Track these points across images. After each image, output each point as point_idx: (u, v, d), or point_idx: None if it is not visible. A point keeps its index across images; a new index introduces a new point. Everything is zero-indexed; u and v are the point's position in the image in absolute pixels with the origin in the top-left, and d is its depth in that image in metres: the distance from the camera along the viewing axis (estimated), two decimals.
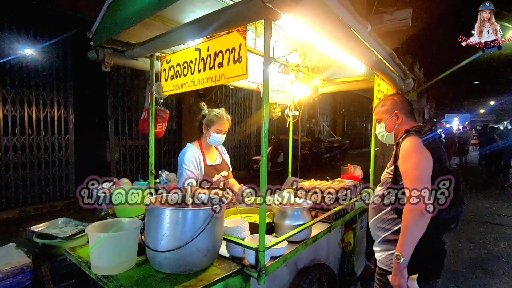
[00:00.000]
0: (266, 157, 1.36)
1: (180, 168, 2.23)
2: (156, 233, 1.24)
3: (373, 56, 1.97)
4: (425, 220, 1.35)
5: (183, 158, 2.23)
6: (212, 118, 2.28)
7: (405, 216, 1.40)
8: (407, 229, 1.37)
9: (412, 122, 1.70)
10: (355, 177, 2.82)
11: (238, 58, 1.40)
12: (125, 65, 1.97)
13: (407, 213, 1.38)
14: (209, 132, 2.28)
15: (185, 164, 2.21)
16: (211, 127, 2.27)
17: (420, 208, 1.34)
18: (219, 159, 2.48)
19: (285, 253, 1.60)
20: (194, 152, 2.27)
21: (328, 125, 14.98)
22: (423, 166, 1.41)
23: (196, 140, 2.39)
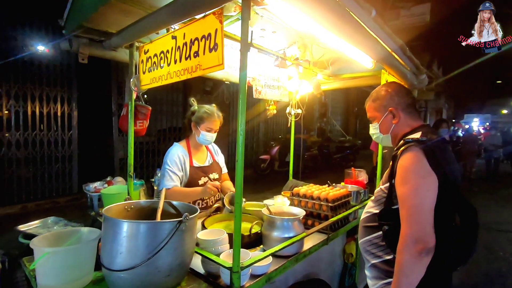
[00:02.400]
0: (242, 158, 1.15)
1: (162, 168, 2.06)
2: (110, 248, 1.07)
3: (378, 47, 1.73)
4: (423, 263, 1.07)
5: (166, 158, 2.06)
6: (202, 115, 2.08)
7: (399, 255, 1.10)
8: (402, 272, 1.09)
9: (414, 121, 1.38)
10: (360, 182, 2.57)
11: (214, 45, 1.20)
12: (104, 57, 1.81)
13: (402, 253, 1.09)
14: (198, 130, 2.09)
15: (168, 164, 2.03)
16: (201, 125, 2.08)
17: (418, 248, 1.05)
18: (209, 160, 2.27)
19: (269, 271, 1.40)
20: (179, 152, 2.09)
21: (340, 124, 14.59)
22: (425, 193, 1.10)
23: (184, 139, 2.21)
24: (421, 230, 1.07)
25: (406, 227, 1.10)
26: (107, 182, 3.41)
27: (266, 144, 9.32)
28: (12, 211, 4.76)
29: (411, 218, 1.10)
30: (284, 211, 1.81)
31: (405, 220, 1.12)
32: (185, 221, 1.11)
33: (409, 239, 1.08)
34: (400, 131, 1.39)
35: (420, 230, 1.07)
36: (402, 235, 1.11)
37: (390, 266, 1.23)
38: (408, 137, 1.27)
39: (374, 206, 1.36)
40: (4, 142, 4.82)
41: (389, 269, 1.24)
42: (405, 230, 1.10)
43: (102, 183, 3.40)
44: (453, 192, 1.16)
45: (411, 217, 1.10)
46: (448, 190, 1.13)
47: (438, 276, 1.18)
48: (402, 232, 1.11)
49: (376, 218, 1.29)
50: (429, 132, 1.29)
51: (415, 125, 1.37)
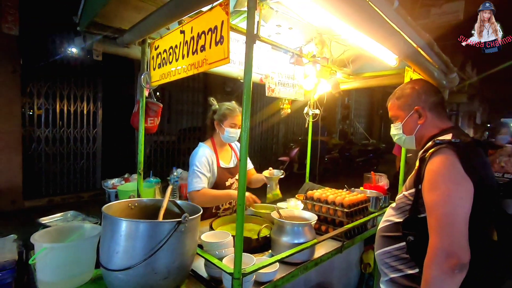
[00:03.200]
0: (245, 157, 1.08)
1: (190, 169, 1.98)
2: (108, 247, 1.04)
3: (401, 42, 1.59)
4: (455, 281, 0.94)
5: (194, 159, 1.99)
6: (224, 112, 2.04)
7: (427, 270, 0.97)
8: None
9: (442, 122, 1.25)
10: (380, 187, 2.42)
11: (219, 39, 1.14)
12: (117, 54, 1.82)
13: (431, 268, 0.96)
14: (222, 128, 2.04)
15: (196, 165, 1.96)
16: (224, 122, 2.03)
17: (450, 263, 0.93)
18: (233, 160, 2.21)
19: (275, 279, 1.31)
20: (206, 152, 2.02)
21: (363, 126, 14.12)
22: (458, 201, 0.98)
23: (209, 139, 2.15)
24: (454, 243, 0.94)
25: (436, 239, 0.98)
26: (124, 179, 3.48)
27: (286, 145, 9.18)
28: (39, 204, 5.01)
29: (442, 229, 0.97)
30: (295, 215, 1.72)
31: (435, 231, 0.99)
32: (184, 222, 1.06)
33: (440, 252, 0.95)
34: (427, 133, 1.26)
35: (452, 243, 0.94)
36: (431, 248, 0.98)
37: (413, 281, 1.11)
38: (438, 138, 1.15)
39: (395, 214, 1.23)
40: (34, 138, 5.08)
41: (411, 284, 1.12)
42: (435, 242, 0.98)
43: (119, 180, 3.48)
44: (489, 201, 1.02)
45: (442, 228, 0.97)
46: (484, 198, 1.00)
47: None
48: (431, 245, 0.98)
49: (399, 227, 1.16)
50: (460, 134, 1.15)
51: (443, 126, 1.23)
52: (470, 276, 0.96)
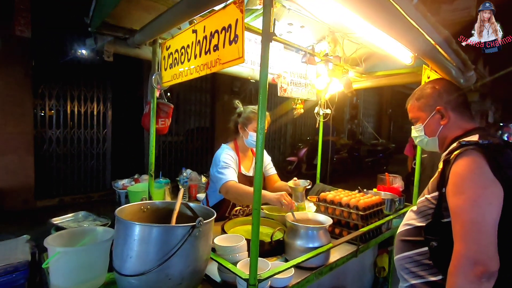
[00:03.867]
0: (261, 159, 1.05)
1: (216, 167, 1.90)
2: (121, 251, 1.02)
3: (420, 39, 1.53)
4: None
5: (219, 157, 1.93)
6: (248, 115, 2.00)
7: (452, 278, 0.93)
8: None
9: (466, 122, 1.18)
10: (394, 188, 2.35)
11: (234, 37, 1.11)
12: (128, 54, 1.80)
13: (456, 276, 0.92)
14: (246, 132, 1.99)
15: (223, 162, 1.88)
16: (248, 126, 1.98)
17: (477, 272, 0.88)
18: (253, 167, 2.13)
19: (289, 284, 1.28)
20: (231, 153, 1.98)
21: (372, 126, 13.93)
22: (486, 206, 0.92)
23: (232, 142, 2.10)
24: (482, 250, 0.89)
25: (461, 246, 0.92)
26: (134, 180, 3.50)
27: (294, 145, 9.11)
28: (50, 204, 5.07)
29: (468, 236, 0.92)
30: (309, 218, 1.67)
31: (461, 237, 0.94)
32: (198, 226, 1.03)
33: (466, 260, 0.90)
34: (450, 134, 1.20)
35: (480, 251, 0.89)
36: (457, 255, 0.93)
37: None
38: (463, 139, 1.09)
39: (416, 218, 1.18)
40: (46, 139, 5.15)
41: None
42: (460, 249, 0.92)
43: (129, 180, 3.50)
44: None
45: (469, 234, 0.92)
46: None
47: None
48: (457, 252, 0.93)
49: (422, 231, 1.11)
50: (487, 135, 1.09)
51: (468, 127, 1.17)
52: (500, 285, 0.90)
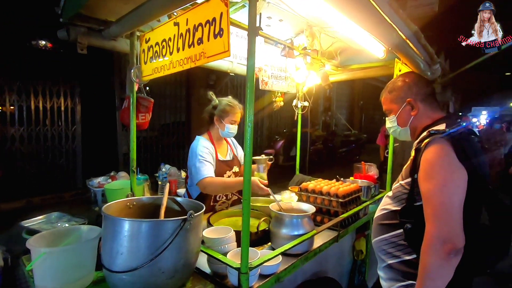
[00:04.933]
0: (250, 152, 1.08)
1: (193, 160, 1.95)
2: (110, 248, 1.00)
3: (394, 33, 1.62)
4: (452, 265, 0.98)
5: (196, 150, 1.97)
6: (225, 108, 2.06)
7: (425, 256, 1.01)
8: (427, 275, 1.00)
9: (435, 113, 1.28)
10: (370, 176, 2.49)
11: (219, 31, 1.12)
12: (103, 47, 1.73)
13: (427, 255, 1.01)
14: (222, 124, 2.06)
15: (201, 155, 1.94)
16: (225, 118, 2.05)
17: (446, 249, 0.97)
18: (229, 153, 2.23)
19: (278, 271, 1.33)
20: (207, 145, 2.03)
21: (345, 118, 14.41)
22: (454, 190, 1.01)
23: (206, 133, 2.15)
24: (450, 230, 0.98)
25: (432, 227, 1.01)
26: (110, 177, 3.37)
27: (271, 138, 9.22)
28: (17, 206, 4.76)
29: (438, 217, 1.01)
30: (293, 207, 1.74)
31: (431, 219, 1.03)
32: (190, 219, 1.04)
33: (437, 239, 0.99)
34: (420, 124, 1.29)
35: (448, 230, 0.98)
36: (428, 236, 1.02)
37: (410, 267, 1.15)
38: (432, 128, 1.18)
39: (392, 203, 1.27)
40: (8, 137, 4.80)
41: (408, 270, 1.16)
42: (431, 230, 1.01)
43: (105, 178, 3.36)
44: (482, 188, 1.07)
45: (439, 216, 1.01)
46: (478, 185, 1.04)
47: (464, 280, 1.10)
48: (428, 232, 1.02)
49: (397, 215, 1.20)
50: (454, 123, 1.19)
51: (436, 116, 1.27)
52: (465, 260, 1.01)
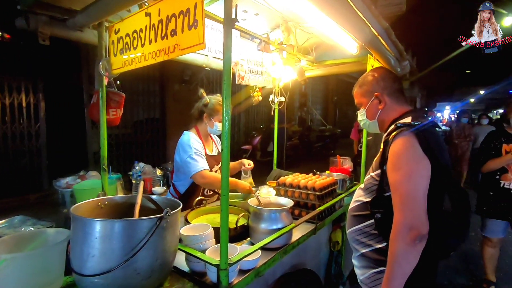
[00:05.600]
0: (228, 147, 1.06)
1: (186, 154, 1.97)
2: (81, 251, 0.95)
3: (366, 29, 1.67)
4: (417, 250, 1.04)
5: (188, 144, 2.00)
6: (215, 107, 2.10)
7: (393, 243, 1.07)
8: (395, 261, 1.05)
9: (401, 107, 1.33)
10: (345, 169, 2.56)
11: (193, 22, 1.08)
12: (68, 38, 1.62)
13: (395, 241, 1.06)
14: (212, 122, 2.11)
15: (196, 148, 1.99)
16: (214, 117, 2.10)
17: (412, 235, 1.02)
18: (215, 149, 2.30)
19: (257, 265, 1.33)
20: (197, 139, 2.08)
21: (320, 113, 14.72)
22: (418, 179, 1.07)
23: (193, 128, 2.18)
24: (415, 217, 1.04)
25: (399, 215, 1.07)
26: (80, 177, 3.20)
27: (247, 134, 9.21)
28: None
29: (404, 206, 1.06)
30: (271, 201, 1.74)
31: (398, 207, 1.08)
32: (166, 217, 1.00)
33: (403, 227, 1.04)
34: (388, 117, 1.34)
35: (414, 218, 1.04)
36: (396, 223, 1.07)
37: (381, 254, 1.20)
38: (399, 121, 1.23)
39: (364, 194, 1.31)
40: None
41: (380, 257, 1.21)
42: (398, 218, 1.07)
43: (74, 178, 3.18)
44: (444, 177, 1.13)
45: (405, 204, 1.06)
46: (440, 174, 1.10)
47: (429, 264, 1.16)
48: (396, 220, 1.07)
49: (368, 206, 1.24)
50: (418, 116, 1.25)
51: (402, 110, 1.32)
52: (429, 244, 1.06)
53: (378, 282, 1.20)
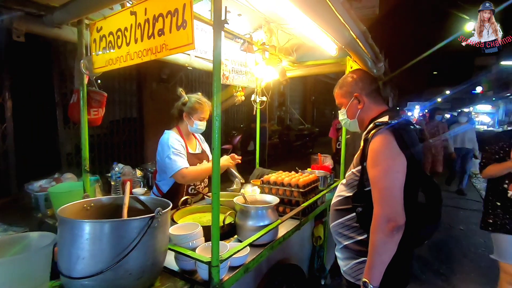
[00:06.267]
0: (218, 146, 1.08)
1: (166, 153, 1.97)
2: (69, 253, 0.93)
3: (346, 32, 1.74)
4: (395, 240, 1.11)
5: (167, 143, 2.00)
6: (194, 105, 2.10)
7: (373, 235, 1.14)
8: (375, 251, 1.13)
9: (379, 106, 1.40)
10: (325, 167, 2.65)
11: (182, 23, 1.09)
12: (45, 35, 1.55)
13: (374, 232, 1.13)
14: (191, 120, 2.11)
15: (173, 148, 1.98)
16: (194, 115, 2.11)
17: (390, 227, 1.09)
18: (198, 147, 2.30)
19: (246, 261, 1.36)
20: (178, 138, 2.08)
21: (298, 113, 14.97)
22: (395, 175, 1.14)
23: (175, 127, 2.18)
24: (393, 210, 1.11)
25: (378, 208, 1.14)
26: (54, 180, 3.06)
27: (228, 133, 9.18)
28: None
29: (383, 199, 1.14)
30: (257, 199, 1.78)
31: (377, 201, 1.15)
32: (158, 216, 1.01)
33: (382, 219, 1.11)
34: (366, 116, 1.41)
35: (391, 210, 1.11)
36: (375, 216, 1.14)
37: (363, 246, 1.27)
38: (377, 120, 1.31)
39: (345, 189, 1.38)
40: None
41: (361, 248, 1.28)
42: (377, 211, 1.14)
43: (48, 181, 3.04)
44: (418, 171, 1.22)
45: (383, 198, 1.14)
46: (414, 169, 1.19)
47: (405, 252, 1.25)
48: (375, 213, 1.14)
49: (350, 200, 1.31)
50: (395, 115, 1.33)
51: (380, 109, 1.40)
52: (406, 234, 1.14)
53: (360, 272, 1.27)
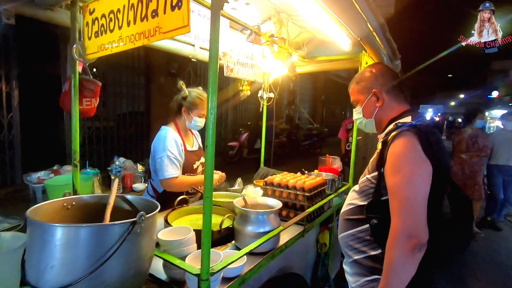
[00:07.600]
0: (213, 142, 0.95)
1: (161, 153, 1.88)
2: (38, 261, 0.81)
3: (363, 23, 1.59)
4: (416, 259, 0.96)
5: (164, 143, 1.89)
6: (194, 100, 1.99)
7: (389, 252, 0.99)
8: (392, 270, 0.97)
9: (400, 105, 1.25)
10: (334, 169, 2.49)
11: (177, 2, 0.96)
12: (37, 17, 1.44)
13: (393, 250, 0.98)
14: (190, 116, 2.01)
15: (169, 151, 1.88)
16: (193, 111, 2.00)
17: (411, 244, 0.94)
18: (195, 144, 2.19)
19: (242, 273, 1.23)
20: (175, 136, 1.96)
21: (308, 112, 14.75)
22: (419, 184, 0.99)
23: (172, 122, 2.07)
24: (415, 224, 0.96)
25: (398, 221, 0.98)
26: (53, 172, 2.99)
27: (235, 130, 9.07)
28: None
29: (403, 211, 0.98)
30: (258, 202, 1.64)
31: (397, 213, 1.00)
32: (140, 221, 0.88)
33: (401, 234, 0.96)
34: (385, 116, 1.26)
35: (413, 225, 0.96)
36: (393, 230, 0.99)
37: (375, 262, 1.12)
38: (398, 121, 1.15)
39: (358, 197, 1.23)
40: None
41: (374, 265, 1.13)
42: (396, 224, 0.98)
43: (47, 173, 2.97)
44: (445, 182, 1.07)
45: (404, 210, 0.98)
46: (441, 179, 1.03)
47: (426, 271, 1.09)
48: (393, 227, 0.99)
49: (364, 210, 1.16)
50: (419, 116, 1.18)
51: (402, 109, 1.24)
52: (428, 253, 0.99)
53: None
